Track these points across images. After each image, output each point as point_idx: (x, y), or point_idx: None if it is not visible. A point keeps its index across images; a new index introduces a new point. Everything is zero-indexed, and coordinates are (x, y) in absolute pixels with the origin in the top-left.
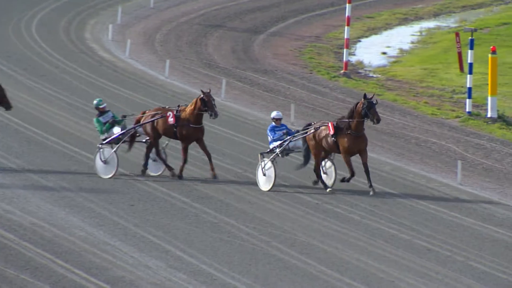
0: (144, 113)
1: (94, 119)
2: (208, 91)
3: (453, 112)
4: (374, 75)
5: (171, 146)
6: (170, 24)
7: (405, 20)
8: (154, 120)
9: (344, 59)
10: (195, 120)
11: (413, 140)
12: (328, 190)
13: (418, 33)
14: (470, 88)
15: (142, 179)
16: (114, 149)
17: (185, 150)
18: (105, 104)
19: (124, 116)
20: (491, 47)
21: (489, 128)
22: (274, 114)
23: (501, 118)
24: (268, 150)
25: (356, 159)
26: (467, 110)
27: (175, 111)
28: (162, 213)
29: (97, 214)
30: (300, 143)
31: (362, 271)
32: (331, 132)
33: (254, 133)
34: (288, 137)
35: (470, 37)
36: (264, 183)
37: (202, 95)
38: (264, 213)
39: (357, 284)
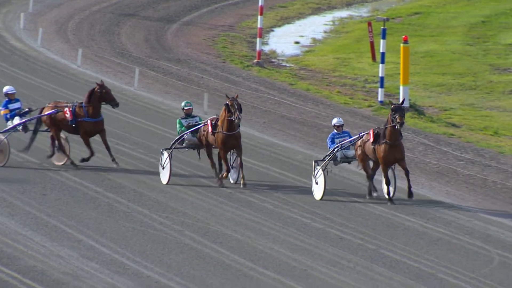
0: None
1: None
2: (235, 96)
3: (366, 101)
4: (287, 65)
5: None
6: (82, 13)
7: (318, 10)
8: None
9: (257, 49)
10: (228, 128)
11: (326, 129)
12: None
13: (331, 23)
14: (382, 78)
15: (55, 168)
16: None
17: (225, 159)
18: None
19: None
20: (403, 36)
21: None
22: (335, 121)
23: (412, 107)
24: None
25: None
26: (379, 99)
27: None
28: (75, 202)
29: (9, 203)
30: (352, 152)
31: (274, 259)
32: (371, 139)
33: (167, 122)
34: (337, 145)
35: (382, 27)
36: (316, 191)
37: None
38: (178, 203)
39: (269, 273)
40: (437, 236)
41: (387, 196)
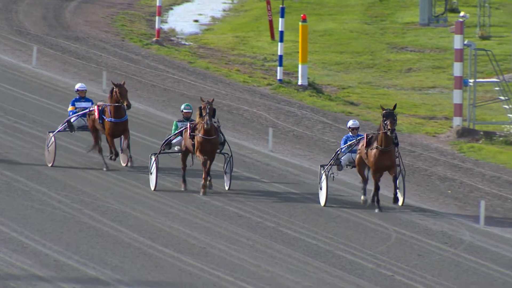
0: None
1: None
2: (211, 100)
3: (265, 79)
4: (187, 43)
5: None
6: None
7: None
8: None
9: (157, 27)
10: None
11: (225, 107)
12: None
13: (230, 1)
14: (281, 56)
15: None
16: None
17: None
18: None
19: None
20: (302, 15)
21: (300, 95)
22: (350, 123)
23: (311, 86)
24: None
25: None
26: (278, 77)
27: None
28: None
29: None
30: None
31: (174, 237)
32: (364, 144)
33: (65, 100)
34: (338, 149)
35: (281, 6)
36: (320, 195)
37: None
38: (77, 181)
39: (168, 250)
40: (335, 213)
41: (372, 202)
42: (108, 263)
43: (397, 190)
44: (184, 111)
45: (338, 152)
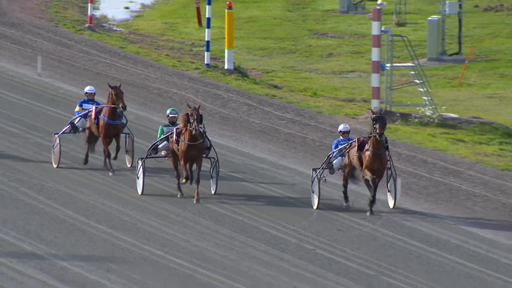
0: None
1: None
2: (197, 106)
3: (193, 64)
4: (118, 29)
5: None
6: None
7: None
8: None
9: (89, 13)
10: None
11: (155, 90)
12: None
13: None
14: (208, 42)
15: None
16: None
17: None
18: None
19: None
20: (228, 2)
21: (226, 79)
22: (341, 127)
23: (237, 70)
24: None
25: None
26: (205, 62)
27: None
28: None
29: None
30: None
31: (107, 214)
32: (356, 148)
33: (1, 83)
34: (330, 153)
35: None
36: (313, 199)
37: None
38: (13, 160)
39: (102, 226)
40: (259, 190)
41: (371, 213)
42: (44, 239)
43: (388, 193)
44: (170, 115)
45: (330, 156)
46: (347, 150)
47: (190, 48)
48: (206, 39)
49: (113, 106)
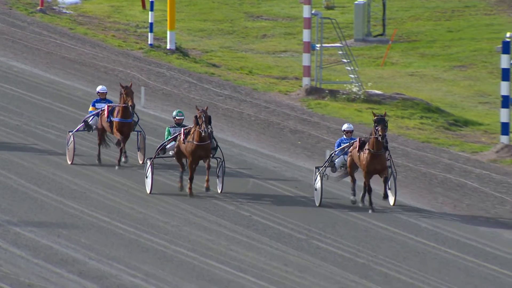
0: None
1: None
2: (205, 108)
3: (137, 44)
4: (67, 12)
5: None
6: None
7: None
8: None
9: None
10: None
11: (102, 68)
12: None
13: None
14: (151, 24)
15: None
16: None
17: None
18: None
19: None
20: None
21: (168, 58)
22: (345, 126)
23: (178, 50)
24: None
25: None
26: (149, 42)
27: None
28: None
29: None
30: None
31: (57, 183)
32: (357, 147)
33: None
34: (332, 152)
35: None
36: (316, 197)
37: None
38: None
39: (52, 195)
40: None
41: (363, 203)
42: None
43: (389, 191)
44: (176, 117)
45: (333, 155)
46: (350, 149)
47: (134, 30)
48: (149, 21)
49: (124, 105)
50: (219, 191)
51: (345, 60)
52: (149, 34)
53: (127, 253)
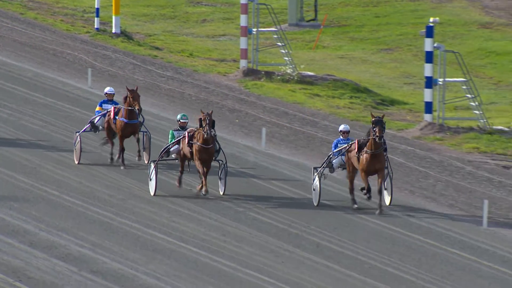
0: None
1: None
2: (210, 112)
3: (84, 28)
4: None
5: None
6: None
7: None
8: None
9: None
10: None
11: (51, 51)
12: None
13: None
14: (98, 9)
15: None
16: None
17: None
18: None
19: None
20: None
21: (114, 41)
22: (341, 127)
23: (123, 34)
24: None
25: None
26: (95, 27)
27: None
28: None
29: None
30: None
31: (8, 159)
32: (356, 149)
33: None
34: (330, 152)
35: None
36: (314, 197)
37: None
38: None
39: (3, 169)
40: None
41: (369, 199)
42: None
43: (385, 191)
44: (181, 121)
45: (331, 156)
46: (347, 151)
47: (82, 15)
48: (96, 6)
49: (130, 108)
50: (221, 193)
51: (279, 44)
52: (96, 18)
53: (75, 225)
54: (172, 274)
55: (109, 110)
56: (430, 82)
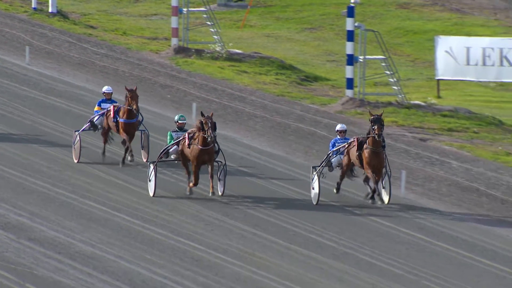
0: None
1: None
2: (210, 114)
3: (22, 8)
4: None
5: None
6: None
7: None
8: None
9: None
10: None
11: None
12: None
13: None
14: None
15: None
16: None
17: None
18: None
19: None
20: None
21: (50, 20)
22: (338, 127)
23: (59, 13)
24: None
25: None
26: (33, 6)
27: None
28: None
29: None
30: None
31: None
32: (356, 147)
33: None
34: (329, 151)
35: None
36: (313, 196)
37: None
38: None
39: None
40: (75, 112)
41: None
42: None
43: (383, 189)
44: (179, 122)
45: (330, 155)
46: (346, 149)
47: None
48: None
49: (129, 108)
50: (220, 194)
51: (209, 23)
52: None
53: (14, 195)
54: (107, 242)
55: (108, 109)
56: (351, 60)
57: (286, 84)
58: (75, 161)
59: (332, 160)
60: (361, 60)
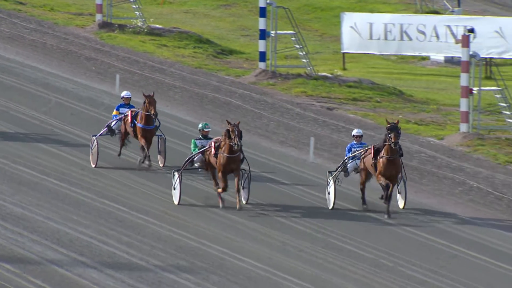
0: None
1: None
2: (237, 123)
3: None
4: None
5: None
6: None
7: None
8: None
9: None
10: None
11: None
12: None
13: None
14: None
15: None
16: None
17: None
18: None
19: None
20: None
21: None
22: (355, 131)
23: None
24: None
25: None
26: None
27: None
28: None
29: None
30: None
31: None
32: (372, 155)
33: None
34: (346, 157)
35: None
36: (328, 201)
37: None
38: None
39: None
40: (18, 88)
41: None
42: None
43: (399, 194)
44: (204, 129)
45: (346, 161)
46: (363, 156)
47: None
48: None
49: (147, 113)
50: (244, 202)
51: (131, 0)
52: None
53: None
54: (36, 204)
55: (126, 114)
56: (263, 34)
57: (203, 57)
58: (93, 166)
59: (348, 165)
60: (272, 35)
